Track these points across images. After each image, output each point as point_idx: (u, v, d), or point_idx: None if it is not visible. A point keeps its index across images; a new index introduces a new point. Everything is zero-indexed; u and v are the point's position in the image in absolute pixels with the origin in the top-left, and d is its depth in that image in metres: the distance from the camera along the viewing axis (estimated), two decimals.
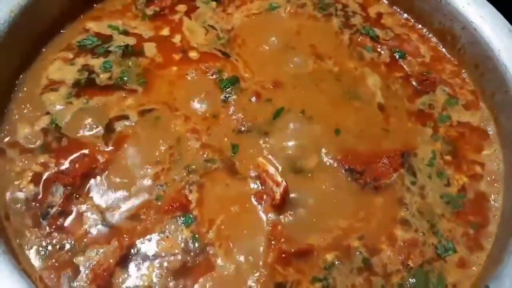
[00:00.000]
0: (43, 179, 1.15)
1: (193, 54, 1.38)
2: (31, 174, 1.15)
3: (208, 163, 1.19)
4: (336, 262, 1.09)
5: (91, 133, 1.22)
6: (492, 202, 1.21)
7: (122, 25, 1.43)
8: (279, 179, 1.12)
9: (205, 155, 1.20)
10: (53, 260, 1.05)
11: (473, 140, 1.30)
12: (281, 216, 1.13)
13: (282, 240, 1.11)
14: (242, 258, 1.08)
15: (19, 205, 1.11)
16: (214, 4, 1.51)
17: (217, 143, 1.23)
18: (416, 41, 1.49)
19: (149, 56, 1.36)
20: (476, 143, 1.30)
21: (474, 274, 1.11)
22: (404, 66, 1.42)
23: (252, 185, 1.17)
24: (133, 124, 1.24)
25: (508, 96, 1.26)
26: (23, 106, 1.25)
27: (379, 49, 1.45)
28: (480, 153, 1.28)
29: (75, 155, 1.19)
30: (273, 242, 1.10)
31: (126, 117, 1.25)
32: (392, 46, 1.46)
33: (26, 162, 1.17)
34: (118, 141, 1.21)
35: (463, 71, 1.42)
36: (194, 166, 1.18)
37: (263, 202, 1.15)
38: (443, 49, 1.47)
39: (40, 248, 1.06)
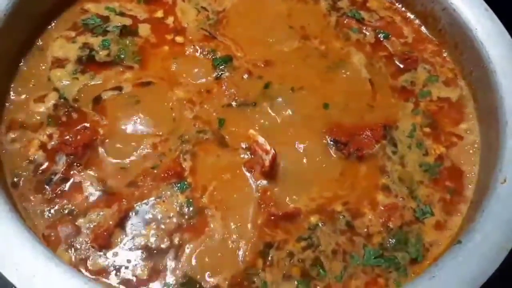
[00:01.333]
0: (48, 149, 1.22)
1: (183, 35, 1.45)
2: (38, 144, 1.23)
3: (200, 133, 1.27)
4: (320, 224, 1.17)
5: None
6: (468, 170, 1.29)
7: (119, 7, 1.49)
8: (268, 147, 1.19)
9: (196, 126, 1.28)
10: (56, 222, 1.13)
11: (452, 114, 1.38)
12: (270, 182, 1.21)
13: (271, 204, 1.18)
14: (234, 221, 1.16)
15: (26, 172, 1.18)
16: None
17: (206, 117, 1.30)
18: (400, 23, 1.56)
19: (144, 36, 1.43)
20: (454, 116, 1.38)
21: (450, 235, 1.19)
22: (388, 46, 1.50)
23: (243, 155, 1.25)
24: (122, 93, 1.32)
25: (485, 73, 1.34)
26: (30, 82, 1.32)
27: (364, 31, 1.52)
28: (458, 126, 1.36)
29: (77, 127, 1.26)
30: (262, 206, 1.18)
31: (119, 88, 1.33)
32: (377, 28, 1.53)
33: (34, 134, 1.24)
34: (103, 108, 1.30)
35: (444, 50, 1.50)
36: (187, 136, 1.26)
37: (253, 170, 1.22)
38: (425, 30, 1.55)
39: (44, 212, 1.14)
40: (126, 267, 1.08)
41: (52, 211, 1.14)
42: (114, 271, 1.08)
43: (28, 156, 1.21)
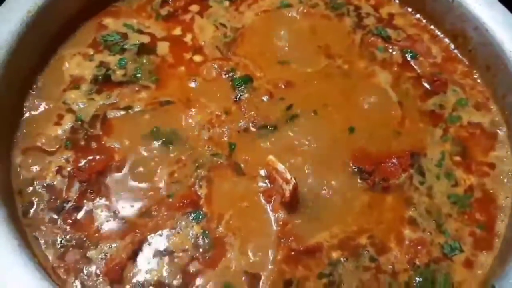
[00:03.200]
0: (64, 175, 1.18)
1: (201, 53, 1.41)
2: (56, 169, 1.18)
3: (214, 157, 1.22)
4: (342, 259, 1.11)
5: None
6: (501, 203, 1.21)
7: (137, 24, 1.45)
8: (289, 176, 1.13)
9: (211, 149, 1.23)
10: (67, 254, 1.08)
11: (483, 141, 1.31)
12: (291, 214, 1.15)
13: (292, 238, 1.13)
14: (251, 255, 1.11)
15: (38, 199, 1.14)
16: (227, 3, 1.52)
17: (220, 139, 1.25)
18: (428, 42, 1.49)
19: (161, 55, 1.39)
20: (486, 144, 1.30)
21: (481, 274, 1.12)
22: (416, 67, 1.43)
23: (261, 184, 1.19)
24: (131, 113, 1.28)
25: None
26: (45, 103, 1.28)
27: (390, 50, 1.45)
28: (490, 154, 1.29)
29: (92, 153, 1.21)
30: (282, 240, 1.13)
31: (129, 108, 1.29)
32: (404, 47, 1.46)
33: (51, 158, 1.20)
34: (109, 129, 1.25)
35: (475, 71, 1.42)
36: (201, 160, 1.21)
37: (272, 201, 1.16)
38: (455, 50, 1.47)
39: (55, 242, 1.09)
40: None
41: (63, 241, 1.10)
42: None
43: (44, 182, 1.16)
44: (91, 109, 1.28)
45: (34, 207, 1.13)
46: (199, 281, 1.07)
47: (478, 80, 1.41)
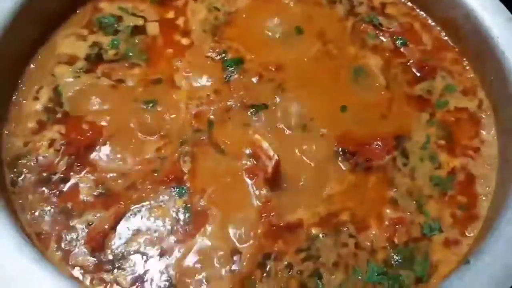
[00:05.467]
0: (55, 148, 1.20)
1: (191, 36, 1.42)
2: (48, 142, 1.21)
3: (197, 133, 1.24)
4: (321, 235, 1.12)
5: (95, 108, 1.28)
6: (483, 186, 1.22)
7: (132, 8, 1.47)
8: (271, 153, 1.15)
9: (193, 125, 1.25)
10: (51, 222, 1.11)
11: (469, 125, 1.31)
12: (273, 191, 1.16)
13: (272, 214, 1.14)
14: (232, 228, 1.12)
15: (27, 170, 1.17)
16: None
17: (205, 118, 1.27)
18: (419, 30, 1.49)
19: (152, 35, 1.41)
20: (471, 128, 1.31)
21: (460, 253, 1.13)
22: (406, 53, 1.43)
23: (245, 161, 1.21)
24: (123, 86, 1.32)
25: (505, 84, 1.27)
26: (35, 79, 1.31)
27: (381, 37, 1.46)
28: (475, 139, 1.29)
29: (80, 127, 1.24)
30: (264, 215, 1.14)
31: (122, 81, 1.32)
32: (395, 34, 1.47)
33: (43, 131, 1.23)
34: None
35: (464, 59, 1.43)
36: (185, 136, 1.23)
37: (255, 177, 1.18)
38: (446, 38, 1.48)
39: (40, 210, 1.12)
40: (112, 273, 1.06)
41: (49, 210, 1.12)
42: (103, 276, 1.06)
43: (36, 155, 1.19)
44: (74, 87, 1.30)
45: (23, 177, 1.16)
46: (178, 252, 1.09)
47: (467, 67, 1.42)
